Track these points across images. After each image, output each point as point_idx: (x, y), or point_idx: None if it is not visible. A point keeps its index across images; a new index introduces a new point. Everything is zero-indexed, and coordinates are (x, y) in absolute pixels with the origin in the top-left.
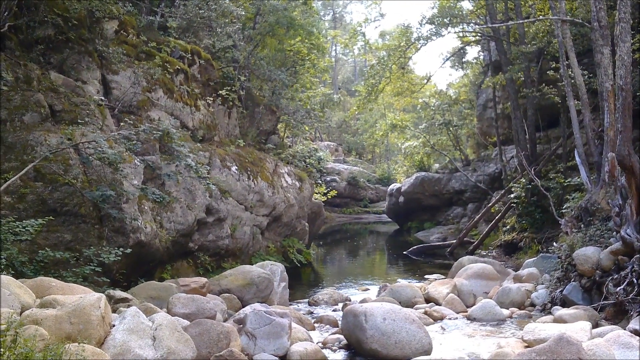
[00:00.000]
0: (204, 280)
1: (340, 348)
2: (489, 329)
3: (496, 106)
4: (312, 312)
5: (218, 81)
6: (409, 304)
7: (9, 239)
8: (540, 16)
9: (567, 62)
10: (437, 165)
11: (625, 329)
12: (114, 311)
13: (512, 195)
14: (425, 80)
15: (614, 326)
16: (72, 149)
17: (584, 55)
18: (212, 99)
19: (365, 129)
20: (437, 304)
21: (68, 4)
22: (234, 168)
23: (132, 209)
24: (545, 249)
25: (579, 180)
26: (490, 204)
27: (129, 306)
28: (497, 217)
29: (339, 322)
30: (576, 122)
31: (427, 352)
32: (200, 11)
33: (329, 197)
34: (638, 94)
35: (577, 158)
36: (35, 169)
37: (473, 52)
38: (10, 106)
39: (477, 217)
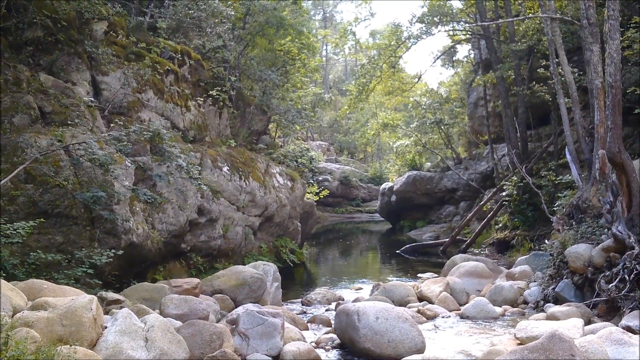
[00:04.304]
0: (196, 281)
1: (333, 347)
2: (481, 327)
3: (487, 104)
4: (305, 312)
5: (208, 81)
6: (402, 302)
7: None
8: (530, 14)
9: (557, 60)
10: (429, 164)
11: (617, 326)
12: (106, 313)
13: (504, 193)
14: (416, 79)
15: (607, 323)
16: (62, 151)
17: (573, 53)
18: (202, 99)
19: (357, 128)
20: (430, 302)
21: (57, 5)
22: (225, 168)
23: (124, 210)
24: (537, 247)
25: (570, 177)
26: (482, 202)
27: (121, 308)
28: (489, 215)
29: (332, 322)
30: (567, 120)
31: (420, 350)
32: (190, 11)
33: (321, 196)
34: (628, 91)
35: (568, 155)
36: (25, 171)
37: (463, 51)
38: (0, 108)
39: (470, 215)
